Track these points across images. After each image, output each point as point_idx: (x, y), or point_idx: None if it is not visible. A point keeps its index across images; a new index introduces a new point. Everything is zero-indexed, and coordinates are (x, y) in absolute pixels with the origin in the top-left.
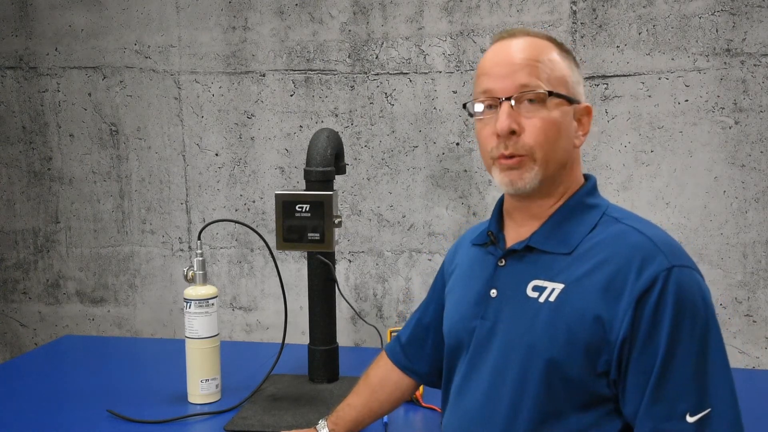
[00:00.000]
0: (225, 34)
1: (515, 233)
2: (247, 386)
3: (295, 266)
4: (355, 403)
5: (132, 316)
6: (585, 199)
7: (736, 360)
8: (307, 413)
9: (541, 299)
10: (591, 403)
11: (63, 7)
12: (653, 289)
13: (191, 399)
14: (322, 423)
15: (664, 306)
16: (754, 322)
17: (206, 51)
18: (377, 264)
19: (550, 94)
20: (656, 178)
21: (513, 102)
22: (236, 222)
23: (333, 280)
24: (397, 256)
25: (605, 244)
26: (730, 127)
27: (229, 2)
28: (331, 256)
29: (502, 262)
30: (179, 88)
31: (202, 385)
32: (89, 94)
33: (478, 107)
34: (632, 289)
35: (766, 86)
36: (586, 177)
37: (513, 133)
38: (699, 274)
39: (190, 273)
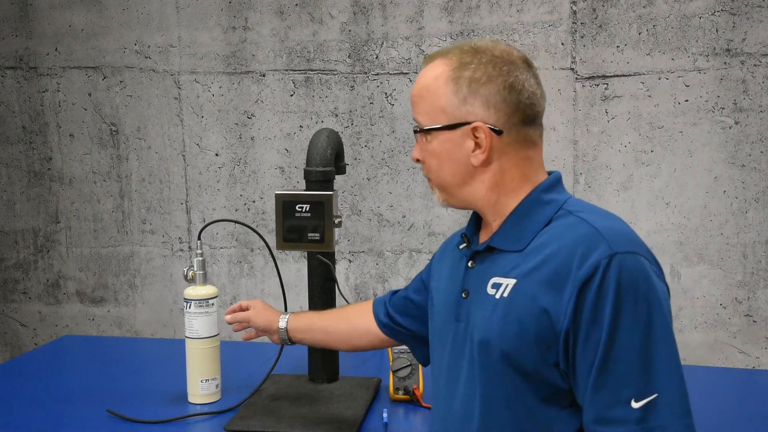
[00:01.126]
0: (225, 34)
1: (486, 235)
2: (247, 386)
3: (295, 266)
4: (321, 317)
5: (132, 316)
6: (541, 195)
7: (736, 360)
8: (307, 413)
9: (497, 295)
10: (554, 395)
11: (63, 7)
12: (594, 277)
13: (191, 399)
14: (284, 316)
15: (606, 293)
16: (754, 322)
17: (206, 51)
18: (377, 264)
19: (416, 131)
20: (656, 178)
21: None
22: (236, 222)
23: (333, 280)
24: (397, 256)
25: (554, 237)
26: (730, 127)
27: (229, 2)
28: (331, 256)
29: (471, 263)
30: (179, 88)
31: (202, 385)
32: (89, 94)
33: None
34: (574, 279)
35: (766, 86)
36: (550, 173)
37: (419, 160)
38: (649, 260)
39: (190, 273)
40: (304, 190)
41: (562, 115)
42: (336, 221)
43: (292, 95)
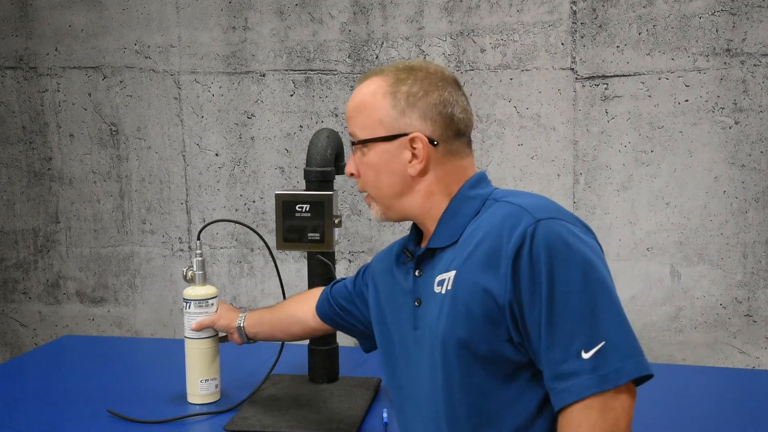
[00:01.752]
0: (225, 34)
1: (426, 242)
2: (247, 386)
3: (295, 266)
4: (270, 310)
5: (132, 316)
6: (467, 192)
7: (736, 360)
8: (307, 413)
9: (443, 291)
10: (511, 374)
11: (63, 7)
12: (524, 246)
13: (191, 399)
14: (242, 315)
15: (537, 257)
16: (754, 322)
17: (206, 51)
18: None
19: (354, 143)
20: (656, 178)
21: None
22: (236, 222)
23: (333, 280)
24: None
25: (483, 223)
26: (730, 127)
27: (229, 2)
28: (331, 256)
29: (418, 272)
30: (179, 88)
31: (201, 385)
32: (89, 94)
33: None
34: (506, 252)
35: (766, 86)
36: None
37: (353, 174)
38: (574, 224)
39: (189, 273)
40: (304, 190)
41: (562, 115)
42: (336, 221)
43: (292, 95)
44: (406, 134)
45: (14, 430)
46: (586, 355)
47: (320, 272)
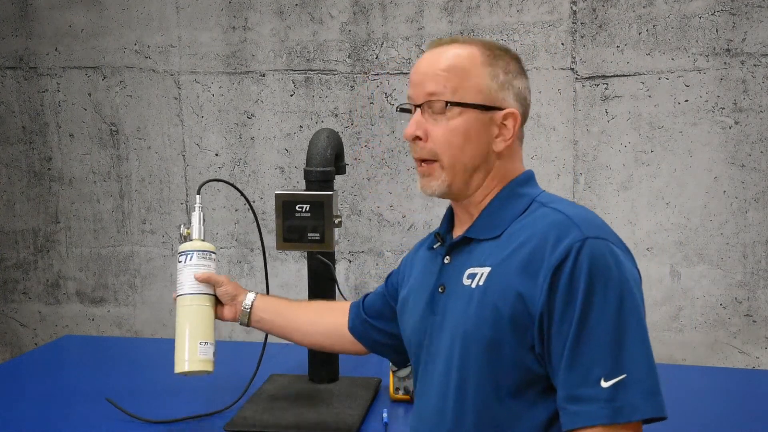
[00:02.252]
0: (225, 34)
1: (459, 231)
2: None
3: (295, 266)
4: (290, 304)
5: (132, 316)
6: (516, 188)
7: (736, 360)
8: (307, 413)
9: (473, 285)
10: (526, 383)
11: (63, 7)
12: (567, 260)
13: (187, 366)
14: (252, 293)
15: (578, 275)
16: (754, 322)
17: (206, 51)
18: (377, 264)
19: (447, 104)
20: (656, 178)
21: (422, 109)
22: (233, 186)
23: (333, 280)
24: (397, 256)
25: (528, 226)
26: (730, 127)
27: (229, 2)
28: (331, 256)
29: (447, 259)
30: (179, 88)
31: (201, 348)
32: (89, 94)
33: (406, 111)
34: (548, 263)
35: (766, 86)
36: (525, 171)
37: (419, 138)
38: (619, 247)
39: (186, 230)
40: (304, 190)
41: (562, 115)
42: (336, 221)
43: (292, 95)
44: (501, 108)
45: (14, 430)
46: (605, 384)
47: (320, 272)
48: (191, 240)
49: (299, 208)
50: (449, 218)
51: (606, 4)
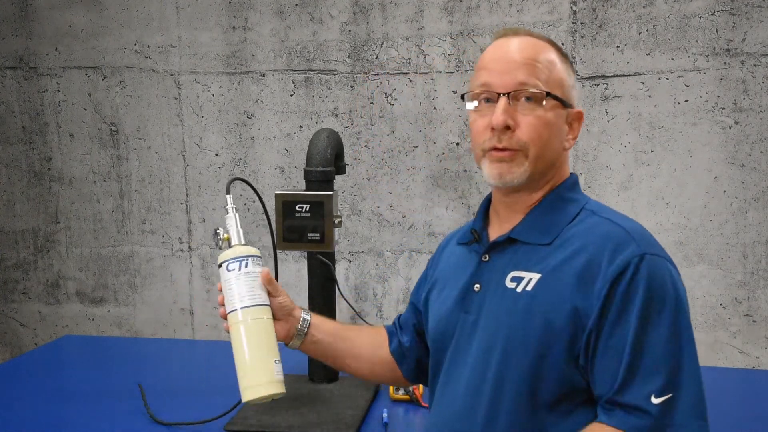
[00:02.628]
0: (225, 34)
1: (498, 229)
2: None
3: (295, 266)
4: (346, 326)
5: (132, 316)
6: (565, 193)
7: (736, 360)
8: (307, 413)
9: (519, 289)
10: (565, 395)
11: (63, 7)
12: (625, 273)
13: (266, 390)
14: (307, 314)
15: (636, 290)
16: (754, 322)
17: (206, 51)
18: (377, 264)
19: (548, 94)
20: (656, 178)
21: (510, 98)
22: (253, 188)
23: (333, 280)
24: (397, 256)
25: (580, 235)
26: (730, 127)
27: (229, 2)
28: (331, 256)
29: (486, 257)
30: (179, 88)
31: (276, 367)
32: (89, 94)
33: (475, 100)
34: (605, 275)
35: (766, 86)
36: (570, 174)
37: (508, 128)
38: (672, 265)
39: (225, 234)
40: (304, 190)
41: None
42: (336, 221)
43: (292, 95)
44: (573, 106)
45: (14, 430)
46: (655, 401)
47: (320, 272)
48: (232, 245)
49: (299, 208)
50: (484, 213)
51: (606, 4)
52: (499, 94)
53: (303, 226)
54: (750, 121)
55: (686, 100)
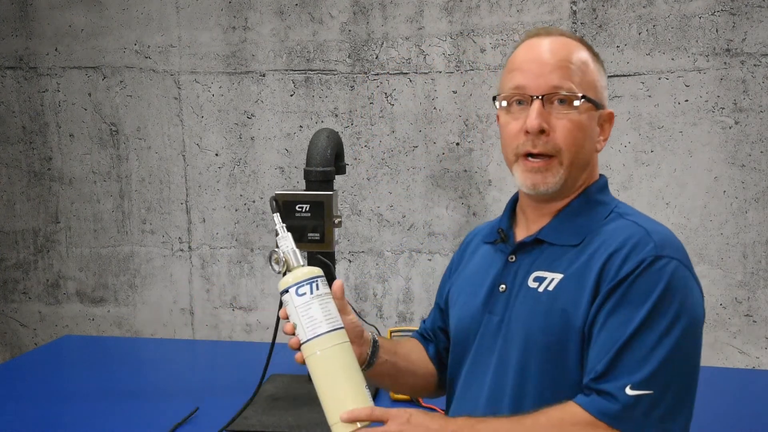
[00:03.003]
0: (225, 34)
1: (525, 230)
2: (247, 386)
3: None
4: (397, 342)
5: (132, 316)
6: (595, 195)
7: (736, 360)
8: (307, 413)
9: (540, 289)
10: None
11: (63, 7)
12: (635, 271)
13: (361, 422)
14: (369, 333)
15: (641, 288)
16: (754, 322)
17: (206, 51)
18: (377, 264)
19: (583, 97)
20: (656, 178)
21: (544, 101)
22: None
23: (333, 280)
24: (397, 256)
25: (607, 237)
26: (730, 127)
27: (229, 2)
28: (331, 256)
29: (512, 257)
30: (179, 88)
31: (368, 394)
32: (89, 94)
33: (506, 102)
34: (617, 273)
35: (766, 86)
36: (600, 176)
37: (543, 132)
38: (691, 273)
39: (280, 256)
40: (304, 190)
41: None
42: (336, 221)
43: (292, 95)
44: (605, 107)
45: (14, 430)
46: (630, 392)
47: None
48: (292, 268)
49: (299, 208)
50: (511, 212)
51: (606, 4)
52: (532, 97)
53: (303, 226)
54: (750, 121)
55: (686, 100)
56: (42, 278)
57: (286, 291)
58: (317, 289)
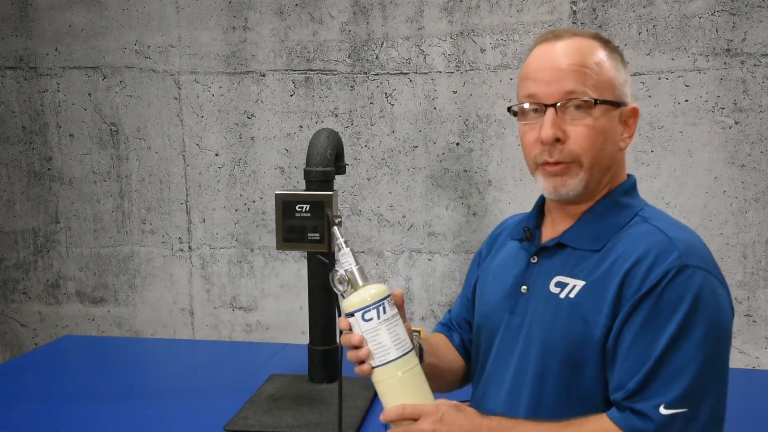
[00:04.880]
0: (225, 34)
1: (551, 230)
2: (248, 386)
3: (295, 266)
4: (430, 343)
5: (132, 316)
6: (620, 198)
7: (736, 360)
8: (307, 413)
9: (562, 295)
10: (604, 403)
11: (63, 7)
12: (660, 283)
13: None
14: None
15: (670, 300)
16: (754, 322)
17: (206, 51)
18: (377, 264)
19: (597, 102)
20: (656, 178)
21: (558, 109)
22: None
23: None
24: (397, 256)
25: (630, 243)
26: (730, 127)
27: (229, 2)
28: (331, 256)
29: (534, 258)
30: (179, 88)
31: None
32: (89, 94)
33: (523, 111)
34: (641, 284)
35: (766, 86)
36: (628, 176)
37: (558, 140)
38: (719, 281)
39: (344, 275)
40: (304, 190)
41: None
42: (336, 221)
43: (292, 95)
44: (626, 104)
45: (14, 430)
46: (664, 411)
47: (320, 272)
48: (357, 288)
49: (299, 208)
50: (539, 211)
51: (606, 4)
52: (546, 106)
53: (303, 226)
54: (750, 121)
55: (686, 100)
56: (42, 278)
57: (351, 314)
58: (384, 312)
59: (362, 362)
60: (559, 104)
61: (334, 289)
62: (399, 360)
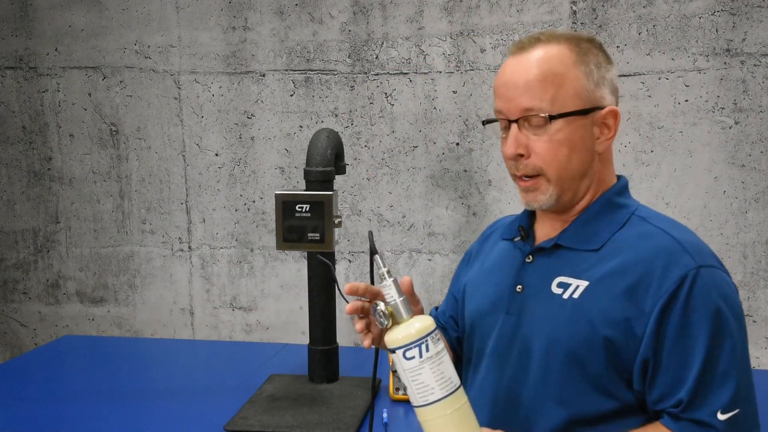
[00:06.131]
0: (225, 34)
1: (545, 230)
2: (247, 386)
3: (295, 266)
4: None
5: (132, 316)
6: (614, 198)
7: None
8: (307, 413)
9: (565, 295)
10: (610, 395)
11: (63, 7)
12: (681, 289)
13: None
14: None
15: (696, 305)
16: (754, 322)
17: (206, 51)
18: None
19: (552, 117)
20: (656, 178)
21: (519, 124)
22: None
23: (333, 280)
24: (397, 256)
25: (631, 243)
26: (730, 127)
27: (229, 2)
28: (331, 256)
29: (529, 258)
30: (179, 88)
31: None
32: (89, 94)
33: (495, 126)
34: (658, 290)
35: (766, 86)
36: (619, 177)
37: (521, 155)
38: (728, 276)
39: (387, 308)
40: (304, 190)
41: None
42: (336, 221)
43: (292, 95)
44: (601, 107)
45: (14, 430)
46: (722, 416)
47: (320, 272)
48: (399, 321)
49: (299, 208)
50: (530, 212)
51: (606, 4)
52: (510, 122)
53: (303, 226)
54: (750, 121)
55: (686, 100)
56: (42, 278)
57: (393, 351)
58: (427, 351)
59: (368, 331)
60: (519, 120)
61: (377, 322)
62: (444, 400)
